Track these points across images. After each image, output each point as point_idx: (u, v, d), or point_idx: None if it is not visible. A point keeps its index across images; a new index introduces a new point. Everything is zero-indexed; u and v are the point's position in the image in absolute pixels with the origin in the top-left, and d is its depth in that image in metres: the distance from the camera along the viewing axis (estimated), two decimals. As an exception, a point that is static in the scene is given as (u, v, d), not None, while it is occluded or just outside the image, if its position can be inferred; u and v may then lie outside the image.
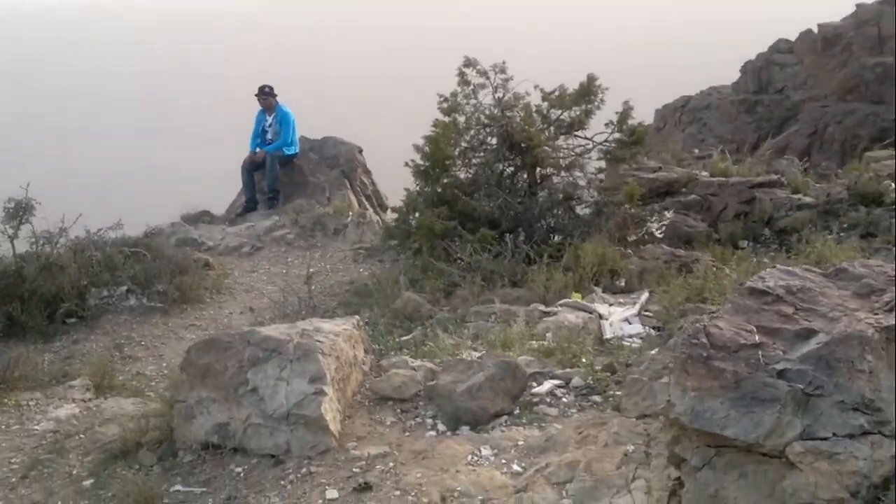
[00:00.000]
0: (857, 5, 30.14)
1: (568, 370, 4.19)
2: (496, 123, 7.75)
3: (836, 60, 29.67)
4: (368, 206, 11.94)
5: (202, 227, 11.06)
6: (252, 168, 11.83)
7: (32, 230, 8.22)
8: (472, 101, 8.23)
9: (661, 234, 7.78)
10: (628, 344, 4.94)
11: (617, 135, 7.62)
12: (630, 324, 5.31)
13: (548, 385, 4.05)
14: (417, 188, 8.17)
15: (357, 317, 4.74)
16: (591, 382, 4.04)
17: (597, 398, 3.91)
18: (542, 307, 5.97)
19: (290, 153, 11.88)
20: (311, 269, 9.49)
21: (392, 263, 9.39)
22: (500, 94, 7.80)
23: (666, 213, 8.02)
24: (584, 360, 4.39)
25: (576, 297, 6.06)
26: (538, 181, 7.88)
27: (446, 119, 7.89)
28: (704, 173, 9.55)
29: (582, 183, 7.74)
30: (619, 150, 7.59)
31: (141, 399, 5.93)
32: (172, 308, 8.24)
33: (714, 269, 6.37)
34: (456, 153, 7.59)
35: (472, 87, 7.80)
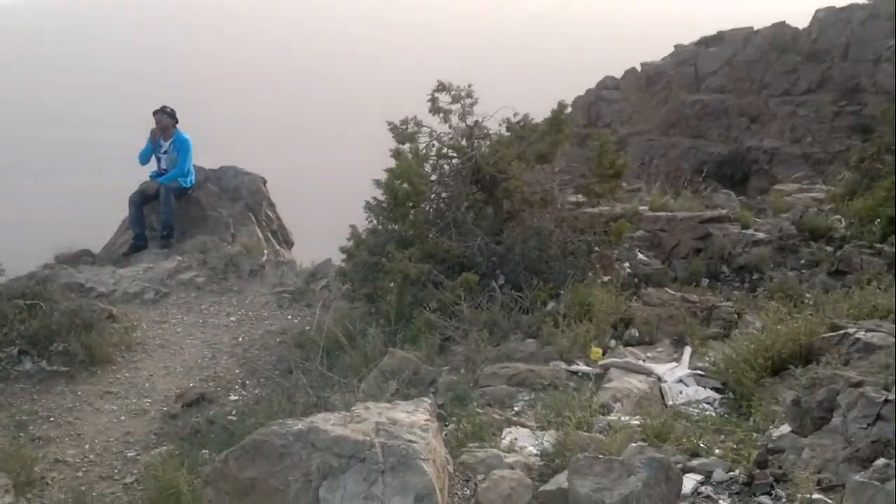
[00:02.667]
0: (675, 46, 32.32)
1: (705, 461, 3.47)
2: (462, 154, 7.02)
3: (658, 97, 31.71)
4: (275, 243, 10.83)
5: (85, 270, 9.56)
6: (142, 201, 10.42)
7: None
8: (424, 129, 7.49)
9: (631, 274, 7.31)
10: (704, 412, 4.34)
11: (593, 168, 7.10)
12: (687, 385, 4.72)
13: (690, 483, 3.33)
14: (370, 225, 7.30)
15: (429, 399, 3.84)
16: (741, 476, 3.32)
17: (765, 500, 3.20)
18: (563, 365, 5.29)
19: (186, 185, 10.58)
20: (232, 318, 8.38)
21: (325, 311, 8.43)
22: (468, 122, 7.08)
23: (637, 252, 7.56)
24: (701, 443, 3.69)
25: (595, 353, 5.43)
26: (505, 218, 7.21)
27: (406, 148, 7.08)
28: (643, 207, 9.24)
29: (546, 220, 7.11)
30: (599, 184, 7.06)
31: (92, 505, 4.69)
32: (79, 372, 6.91)
33: (737, 315, 5.94)
34: (425, 188, 6.78)
35: (441, 114, 7.03)
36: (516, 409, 4.80)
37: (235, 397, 6.61)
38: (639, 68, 32.19)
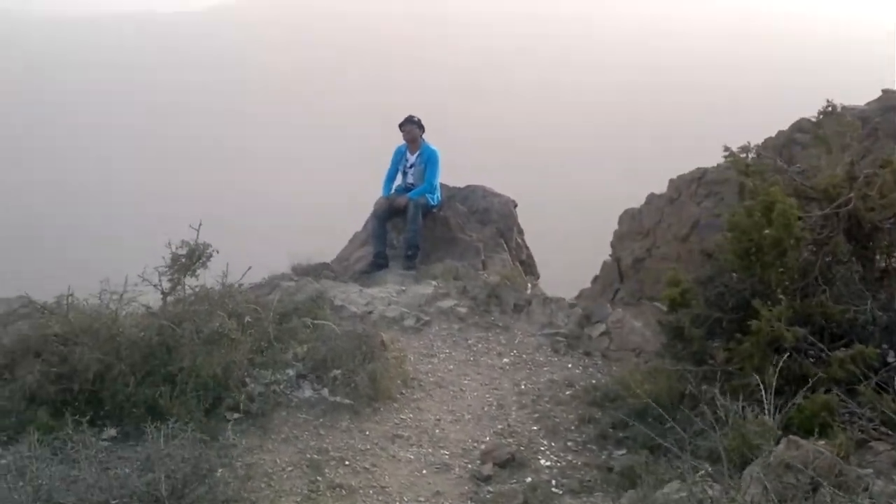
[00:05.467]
0: (884, 91, 29.52)
1: None
2: (836, 196, 5.76)
3: (860, 145, 28.98)
4: (523, 274, 9.86)
5: (328, 286, 8.82)
6: (387, 216, 9.71)
7: (182, 283, 6.01)
8: (767, 159, 6.36)
9: None
10: None
11: None
12: None
13: None
14: (705, 272, 6.17)
15: None
16: None
17: None
18: None
19: (433, 202, 9.79)
20: (505, 359, 7.40)
21: (607, 363, 7.36)
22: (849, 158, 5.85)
23: None
24: None
25: None
26: (878, 277, 5.90)
27: (770, 183, 5.89)
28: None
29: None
30: None
31: None
32: (363, 407, 6.05)
33: None
34: (805, 235, 5.57)
35: (825, 146, 5.83)
36: None
37: (547, 462, 5.57)
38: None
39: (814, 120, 32.00)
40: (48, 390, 5.22)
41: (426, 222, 9.72)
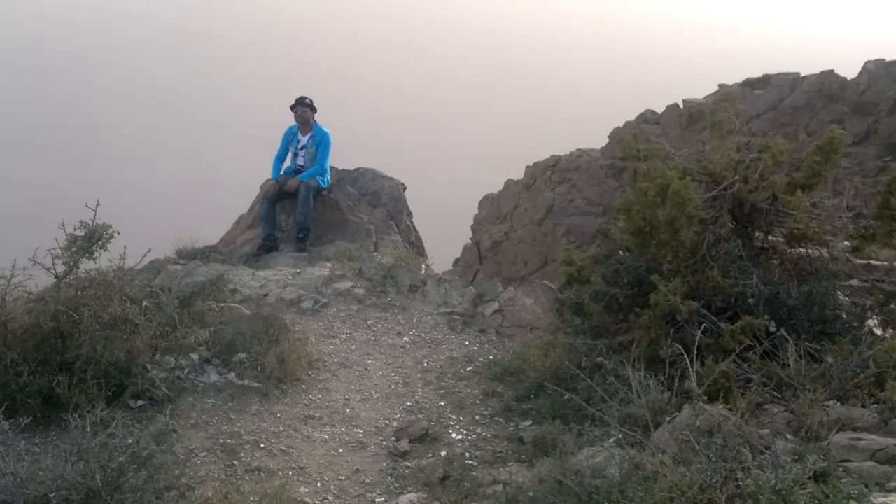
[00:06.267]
0: (720, 85, 31.52)
1: None
2: (721, 179, 6.17)
3: (699, 136, 30.77)
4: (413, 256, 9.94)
5: (218, 270, 8.59)
6: (276, 198, 9.54)
7: (77, 267, 5.71)
8: (656, 145, 6.75)
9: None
10: None
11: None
12: None
13: None
14: (603, 249, 6.46)
15: None
16: None
17: None
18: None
19: (323, 185, 9.70)
20: (405, 338, 7.48)
21: (501, 339, 7.59)
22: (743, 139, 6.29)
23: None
24: None
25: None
26: (755, 254, 6.36)
27: (669, 166, 6.23)
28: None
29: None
30: (882, 225, 6.23)
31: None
32: (271, 389, 5.98)
33: None
34: (698, 213, 5.92)
35: (717, 130, 6.21)
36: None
37: (459, 436, 5.70)
38: (681, 104, 31.41)
39: (659, 112, 32.54)
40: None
41: (316, 205, 9.62)
